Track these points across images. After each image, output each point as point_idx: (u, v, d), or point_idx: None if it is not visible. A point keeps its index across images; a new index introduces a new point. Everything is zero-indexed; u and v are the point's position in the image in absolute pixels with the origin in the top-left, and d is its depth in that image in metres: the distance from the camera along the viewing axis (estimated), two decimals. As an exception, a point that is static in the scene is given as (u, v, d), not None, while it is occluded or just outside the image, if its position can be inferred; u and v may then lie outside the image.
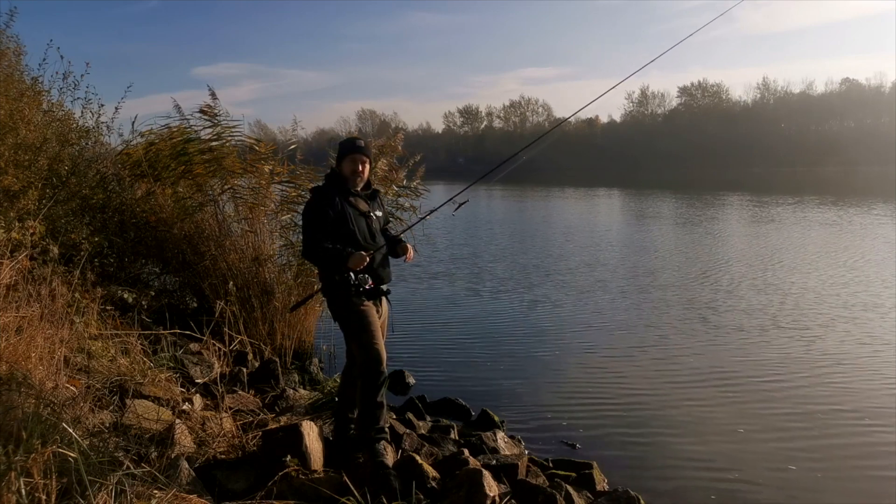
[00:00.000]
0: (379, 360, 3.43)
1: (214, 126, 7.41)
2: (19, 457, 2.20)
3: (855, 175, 49.19)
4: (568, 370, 6.77)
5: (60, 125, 7.47)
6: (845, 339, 7.56)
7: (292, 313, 6.65)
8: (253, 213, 7.05)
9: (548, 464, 4.36)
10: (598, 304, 9.76)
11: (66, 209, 6.55)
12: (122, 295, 6.03)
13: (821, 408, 5.58)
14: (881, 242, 15.40)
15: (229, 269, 6.71)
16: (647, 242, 16.86)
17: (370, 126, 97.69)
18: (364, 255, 3.40)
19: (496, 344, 7.80)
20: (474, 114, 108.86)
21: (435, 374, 6.66)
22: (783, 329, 8.06)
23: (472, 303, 10.09)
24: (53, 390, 3.08)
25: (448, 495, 3.14)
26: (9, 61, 7.85)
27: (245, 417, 4.07)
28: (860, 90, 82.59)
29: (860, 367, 6.62)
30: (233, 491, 3.04)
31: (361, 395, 3.53)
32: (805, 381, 6.24)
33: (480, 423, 5.16)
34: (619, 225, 22.13)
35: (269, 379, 5.32)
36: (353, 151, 3.61)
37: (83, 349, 4.13)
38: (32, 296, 4.02)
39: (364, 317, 3.48)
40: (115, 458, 2.56)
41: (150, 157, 7.54)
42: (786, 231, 18.29)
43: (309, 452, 3.29)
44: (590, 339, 7.95)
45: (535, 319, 9.00)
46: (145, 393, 3.94)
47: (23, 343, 3.40)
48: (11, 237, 4.65)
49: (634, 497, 3.55)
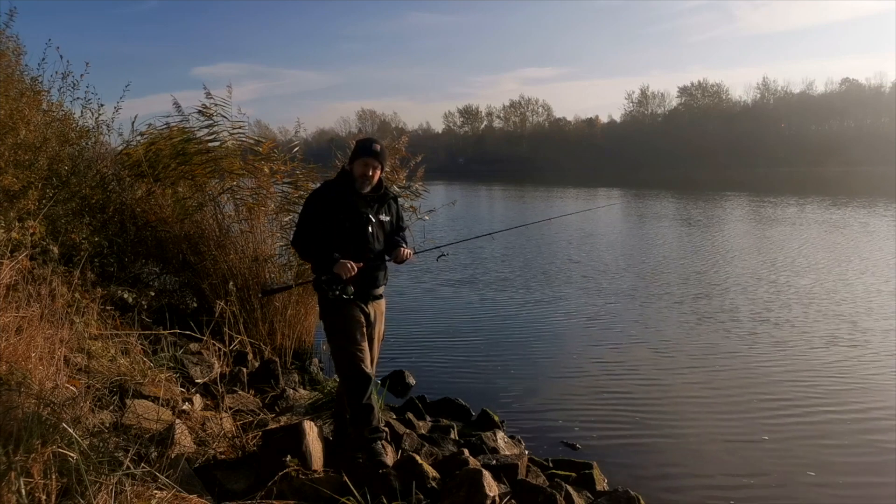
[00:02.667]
0: (353, 363, 3.39)
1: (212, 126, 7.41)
2: (19, 457, 2.20)
3: (855, 175, 49.18)
4: (568, 370, 6.77)
5: (60, 125, 7.47)
6: (848, 340, 7.56)
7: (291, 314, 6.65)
8: (253, 214, 7.05)
9: (548, 464, 4.37)
10: (598, 304, 9.76)
11: (66, 209, 6.54)
12: (122, 295, 6.02)
13: (822, 408, 5.58)
14: (884, 240, 15.40)
15: (229, 269, 6.70)
16: (648, 243, 16.86)
17: (370, 126, 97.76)
18: (350, 266, 3.33)
19: (496, 344, 7.80)
20: (474, 114, 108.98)
21: (435, 374, 6.66)
22: (785, 329, 8.06)
23: (472, 303, 10.09)
24: (53, 390, 3.07)
25: (448, 495, 3.13)
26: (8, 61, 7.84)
27: (245, 417, 4.07)
28: (860, 90, 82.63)
29: (862, 367, 6.62)
30: (233, 491, 3.04)
31: (347, 399, 3.52)
32: (806, 382, 6.23)
33: (480, 423, 5.16)
34: (620, 225, 22.11)
35: (269, 379, 5.32)
36: (367, 155, 3.51)
37: (83, 349, 4.13)
38: (32, 296, 4.01)
39: (343, 319, 3.44)
40: (115, 458, 2.56)
41: (149, 157, 7.54)
42: (786, 231, 18.28)
43: (309, 452, 3.29)
44: (590, 340, 7.95)
45: (535, 319, 9.00)
46: (145, 393, 3.94)
47: (23, 343, 3.40)
48: (11, 237, 4.64)
49: (634, 497, 3.55)
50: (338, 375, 3.69)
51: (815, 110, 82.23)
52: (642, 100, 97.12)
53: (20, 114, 6.42)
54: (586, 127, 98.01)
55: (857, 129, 77.41)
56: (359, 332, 3.46)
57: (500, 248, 15.77)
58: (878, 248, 14.60)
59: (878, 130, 73.45)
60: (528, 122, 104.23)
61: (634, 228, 20.72)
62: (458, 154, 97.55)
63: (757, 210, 25.62)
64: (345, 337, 3.44)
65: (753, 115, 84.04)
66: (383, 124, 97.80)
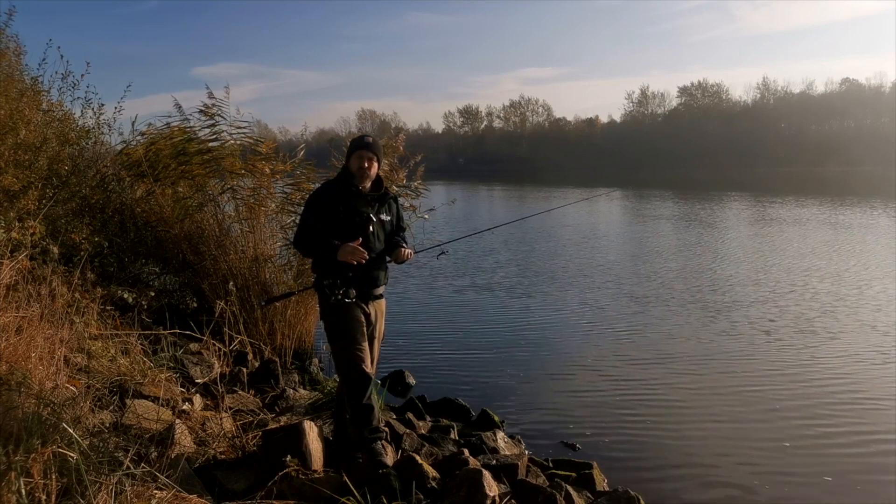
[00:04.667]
0: (353, 363, 3.40)
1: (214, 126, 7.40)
2: (19, 457, 2.20)
3: (855, 175, 49.17)
4: (568, 370, 6.77)
5: (60, 125, 7.47)
6: (848, 340, 7.56)
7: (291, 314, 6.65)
8: (253, 213, 7.05)
9: (548, 464, 4.36)
10: (598, 304, 9.76)
11: (66, 209, 6.55)
12: (122, 295, 6.02)
13: (823, 409, 5.58)
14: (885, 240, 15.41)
15: (229, 269, 6.70)
16: (648, 243, 16.86)
17: (370, 126, 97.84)
18: (356, 248, 3.32)
19: (496, 344, 7.80)
20: (474, 114, 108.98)
21: (435, 374, 6.66)
22: (786, 330, 8.06)
23: (473, 303, 10.09)
24: (53, 390, 3.07)
25: (448, 495, 3.13)
26: (8, 61, 7.84)
27: (245, 417, 4.07)
28: (860, 90, 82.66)
29: (863, 367, 6.62)
30: (233, 491, 3.03)
31: (347, 399, 3.53)
32: (808, 383, 6.24)
33: (480, 423, 5.16)
34: (620, 225, 22.12)
35: (269, 379, 5.32)
36: (361, 148, 3.60)
37: (83, 349, 4.13)
38: (32, 296, 4.01)
39: (343, 320, 3.45)
40: (115, 458, 2.55)
41: (149, 157, 7.54)
42: (786, 231, 18.27)
43: (309, 452, 3.29)
44: (590, 340, 7.95)
45: (535, 319, 9.00)
46: (145, 393, 3.94)
47: (23, 343, 3.39)
48: (11, 237, 4.64)
49: (634, 497, 3.55)
50: (338, 375, 3.70)
51: (815, 110, 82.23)
52: (642, 100, 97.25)
53: (20, 114, 6.43)
54: (586, 127, 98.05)
55: (857, 129, 77.41)
56: (359, 332, 3.47)
57: (500, 248, 15.77)
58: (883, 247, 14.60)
59: (878, 130, 73.44)
60: (528, 122, 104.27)
61: (635, 229, 20.71)
62: (458, 154, 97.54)
63: (757, 210, 25.60)
64: (345, 337, 3.44)
65: (753, 115, 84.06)
66: (383, 124, 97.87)
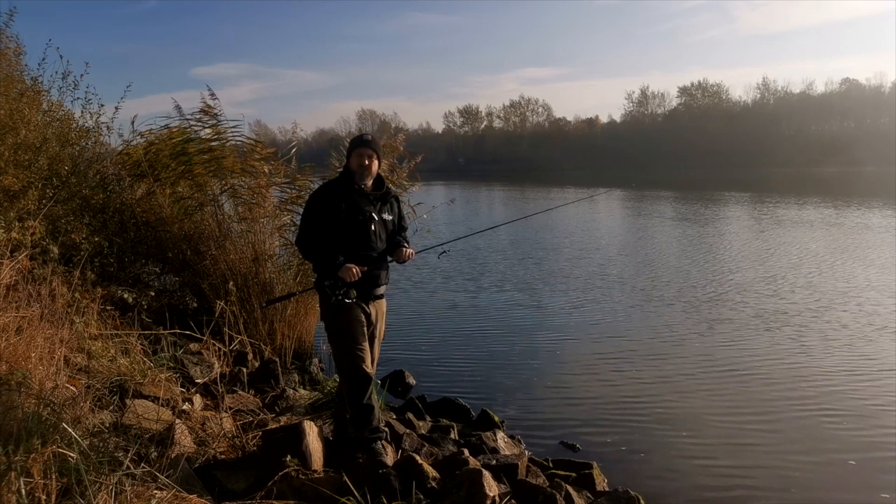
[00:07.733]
0: (354, 363, 3.41)
1: (213, 126, 7.41)
2: (19, 457, 2.20)
3: (855, 175, 49.17)
4: (568, 370, 6.76)
5: (60, 125, 7.47)
6: (850, 341, 7.55)
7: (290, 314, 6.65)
8: (252, 214, 7.05)
9: (548, 464, 4.36)
10: (598, 304, 9.76)
11: (66, 209, 6.54)
12: (122, 295, 6.02)
13: (823, 408, 5.58)
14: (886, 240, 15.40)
15: (229, 269, 6.70)
16: (648, 243, 16.86)
17: (370, 126, 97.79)
18: (355, 270, 3.38)
19: (496, 344, 7.80)
20: (474, 114, 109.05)
21: (435, 374, 6.66)
22: (787, 330, 8.05)
23: (473, 303, 10.09)
24: (53, 390, 3.07)
25: (448, 495, 3.14)
26: (8, 61, 7.84)
27: (245, 417, 4.07)
28: (860, 90, 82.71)
29: (864, 367, 6.61)
30: (233, 491, 3.04)
31: (347, 399, 3.53)
32: (808, 383, 6.23)
33: (480, 423, 5.16)
34: (620, 226, 22.12)
35: (269, 379, 5.32)
36: (360, 146, 3.63)
37: (83, 349, 4.13)
38: (32, 296, 4.01)
39: (344, 319, 3.46)
40: (115, 458, 2.55)
41: (149, 158, 7.54)
42: (786, 231, 18.27)
43: (309, 452, 3.29)
44: (590, 340, 7.94)
45: (535, 319, 9.00)
46: (145, 393, 3.94)
47: (23, 343, 3.39)
48: (11, 237, 4.64)
49: (634, 497, 3.55)
50: (338, 375, 3.71)
51: (815, 110, 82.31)
52: (642, 100, 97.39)
53: (20, 114, 6.42)
54: (586, 127, 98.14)
55: (857, 129, 77.44)
56: (360, 332, 3.48)
57: (500, 249, 15.77)
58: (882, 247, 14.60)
59: (878, 130, 73.47)
60: (528, 122, 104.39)
61: (635, 229, 20.70)
62: (459, 154, 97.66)
63: (757, 210, 25.60)
64: (346, 337, 3.44)
65: (753, 115, 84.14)
66: (383, 124, 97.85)
